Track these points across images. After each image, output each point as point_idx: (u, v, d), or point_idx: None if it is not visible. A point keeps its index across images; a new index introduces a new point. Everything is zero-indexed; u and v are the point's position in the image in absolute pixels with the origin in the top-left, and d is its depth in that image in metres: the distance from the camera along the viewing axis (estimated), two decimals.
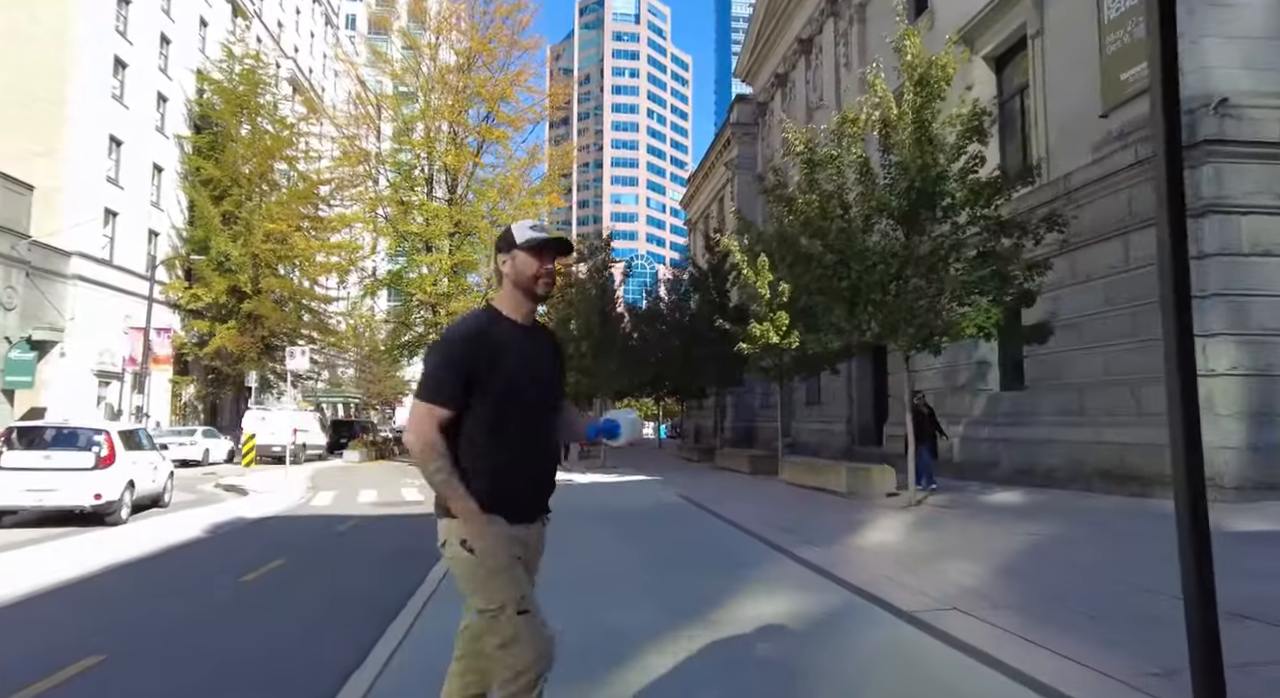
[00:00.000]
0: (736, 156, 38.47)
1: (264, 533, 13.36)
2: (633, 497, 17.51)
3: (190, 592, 8.67)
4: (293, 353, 20.08)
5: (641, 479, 21.87)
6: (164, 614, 7.64)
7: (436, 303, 32.21)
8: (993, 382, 18.77)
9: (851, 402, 25.49)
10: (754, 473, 21.76)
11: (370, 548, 11.81)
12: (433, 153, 33.28)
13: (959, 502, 14.42)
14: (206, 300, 39.99)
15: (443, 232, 32.52)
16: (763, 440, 35.09)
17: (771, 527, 11.89)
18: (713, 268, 26.70)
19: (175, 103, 41.64)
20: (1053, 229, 13.18)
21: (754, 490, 17.91)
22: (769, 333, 18.62)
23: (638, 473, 23.84)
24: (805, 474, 17.84)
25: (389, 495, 19.13)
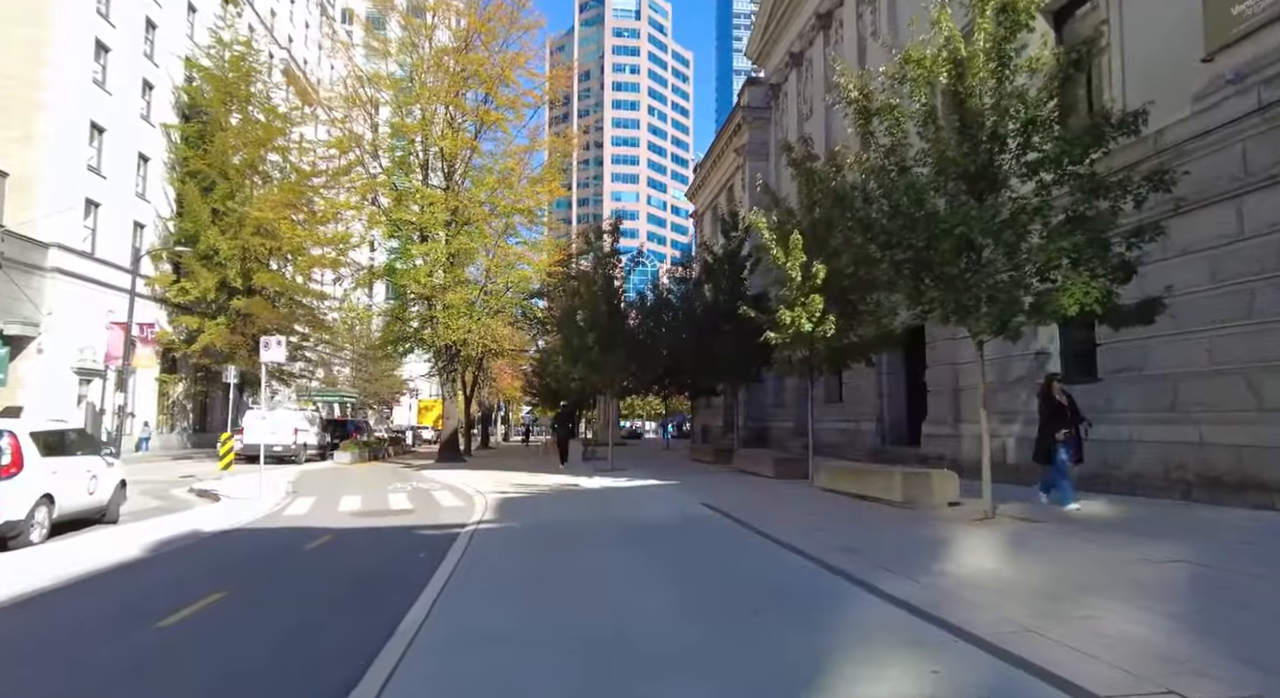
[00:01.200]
0: (748, 142, 36.01)
1: (215, 553, 10.98)
2: (651, 507, 15.13)
3: (65, 652, 6.25)
4: (267, 343, 17.71)
5: (656, 484, 19.49)
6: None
7: (431, 295, 29.83)
8: None
9: (882, 398, 23.11)
10: (779, 477, 19.37)
11: (338, 573, 9.43)
12: (428, 137, 30.90)
13: (1036, 513, 12.05)
14: (195, 295, 37.78)
15: (439, 220, 30.14)
16: (775, 440, 32.68)
17: (828, 547, 9.52)
18: (728, 254, 24.32)
19: (162, 90, 39.33)
20: (1159, 189, 10.80)
21: (787, 499, 15.52)
22: (801, 320, 16.26)
23: (650, 477, 21.47)
24: (846, 480, 15.43)
25: (374, 503, 16.75)
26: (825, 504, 14.38)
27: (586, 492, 18.14)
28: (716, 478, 20.87)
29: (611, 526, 12.40)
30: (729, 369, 24.14)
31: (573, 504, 15.90)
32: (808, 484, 17.85)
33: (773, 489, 17.43)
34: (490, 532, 12.01)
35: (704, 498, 15.63)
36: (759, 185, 18.89)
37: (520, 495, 17.46)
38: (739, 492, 17.11)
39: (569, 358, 23.35)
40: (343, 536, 12.33)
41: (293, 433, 33.13)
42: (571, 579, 8.41)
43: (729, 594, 7.62)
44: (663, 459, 30.53)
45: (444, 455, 31.80)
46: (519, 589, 7.98)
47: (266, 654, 6.14)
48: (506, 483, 20.33)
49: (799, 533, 10.66)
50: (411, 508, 15.75)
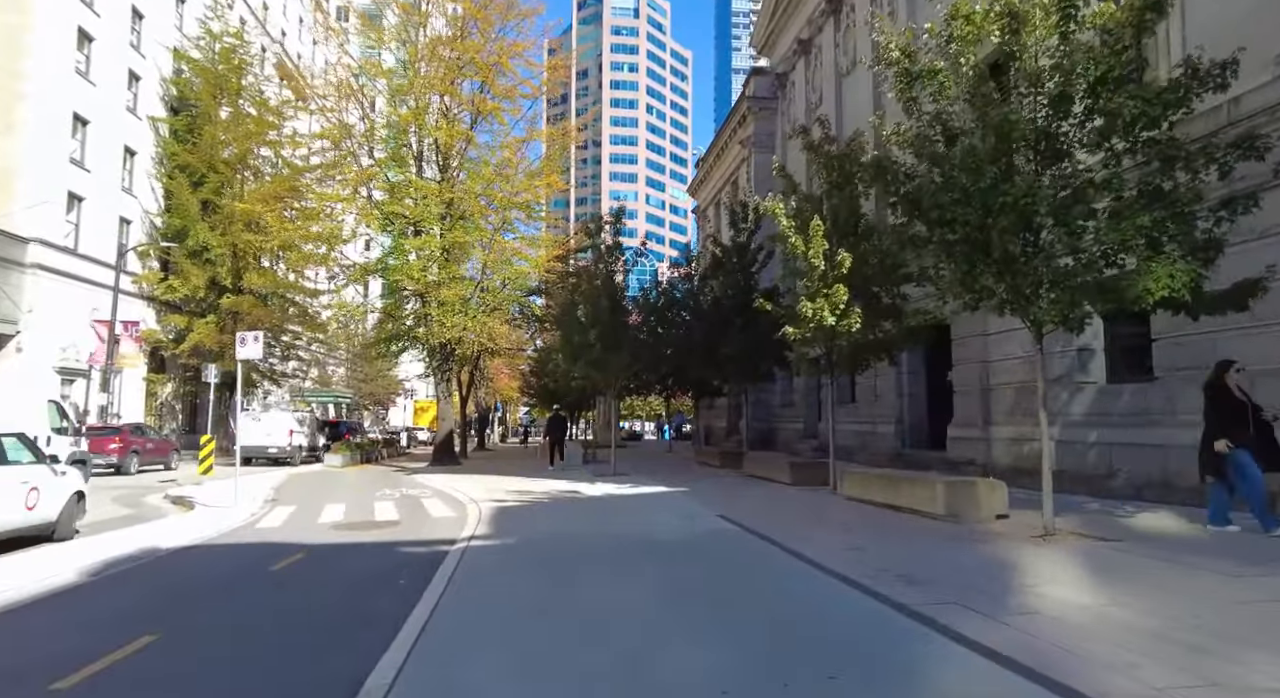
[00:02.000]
0: (753, 134, 34.43)
1: (164, 577, 9.40)
2: (661, 519, 13.53)
3: None
4: (243, 339, 16.19)
5: (663, 491, 17.92)
6: None
7: (425, 291, 28.27)
8: (1096, 372, 14.88)
9: (901, 398, 21.56)
10: (796, 484, 17.80)
11: (300, 605, 7.86)
12: (423, 127, 29.35)
13: (1099, 526, 10.53)
14: (183, 293, 36.21)
15: (433, 214, 28.60)
16: (783, 443, 31.15)
17: (883, 574, 7.99)
18: (737, 247, 22.77)
19: (149, 82, 37.72)
20: (1249, 156, 9.26)
21: (811, 510, 13.96)
22: (823, 313, 14.73)
23: (656, 483, 19.90)
24: (876, 488, 13.85)
25: (358, 513, 15.18)
26: (855, 516, 12.82)
27: (589, 500, 16.60)
28: (727, 484, 19.31)
29: (619, 543, 10.83)
30: (738, 367, 22.63)
31: (574, 515, 14.33)
32: (829, 492, 16.31)
33: (792, 498, 15.86)
34: (482, 551, 10.45)
35: (718, 508, 14.08)
36: (774, 169, 17.31)
37: (516, 504, 15.90)
38: (755, 501, 15.56)
39: (569, 356, 21.80)
40: (317, 553, 10.76)
41: (288, 435, 31.65)
42: (577, 622, 6.85)
43: (783, 646, 6.04)
44: (666, 462, 28.96)
45: (438, 458, 30.23)
46: (513, 636, 6.42)
47: None
48: (502, 489, 18.79)
49: (840, 555, 9.11)
50: (398, 519, 14.19)
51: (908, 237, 10.37)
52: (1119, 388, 14.30)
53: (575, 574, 8.77)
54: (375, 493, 18.97)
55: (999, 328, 16.99)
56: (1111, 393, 14.39)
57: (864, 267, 15.53)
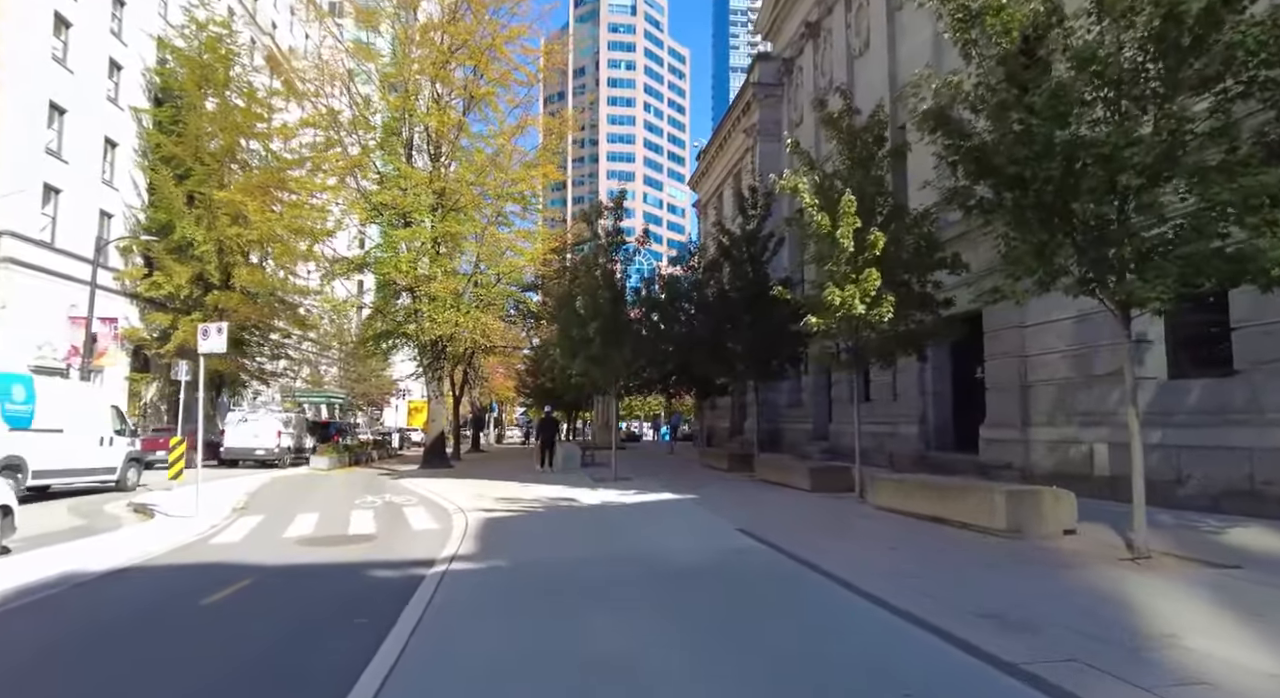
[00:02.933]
0: (758, 121, 32.55)
1: (71, 612, 7.57)
2: (674, 534, 11.72)
3: None
4: (205, 331, 14.47)
5: (671, 499, 16.09)
6: None
7: (415, 285, 26.44)
8: (1155, 367, 13.08)
9: (925, 397, 19.75)
10: (817, 490, 15.99)
11: (221, 657, 6.01)
12: (413, 113, 27.52)
13: (1194, 546, 8.77)
14: (168, 290, 34.32)
15: (423, 204, 26.77)
16: (790, 444, 29.34)
17: (957, 608, 6.26)
18: (747, 235, 20.95)
19: (131, 71, 35.82)
20: None
21: (842, 522, 12.15)
22: (853, 300, 12.95)
23: (661, 488, 18.06)
24: (917, 497, 12.01)
25: (331, 524, 13.35)
26: (896, 530, 11.01)
27: (588, 510, 14.76)
28: (740, 491, 17.48)
29: (627, 566, 9.01)
30: (748, 364, 20.81)
31: (573, 528, 12.47)
32: (855, 500, 14.50)
33: (815, 507, 14.04)
34: (464, 577, 8.63)
35: (736, 519, 12.28)
36: (789, 146, 15.50)
37: (508, 515, 14.07)
38: (776, 511, 13.76)
39: (567, 351, 19.96)
40: (266, 579, 8.94)
41: (275, 436, 29.86)
42: (581, 684, 5.05)
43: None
44: (669, 465, 27.08)
45: (429, 461, 28.39)
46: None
47: None
48: (493, 496, 16.98)
49: (898, 583, 7.33)
50: (373, 533, 12.36)
51: (973, 200, 8.56)
52: (1185, 384, 12.52)
53: (573, 615, 6.96)
54: (356, 500, 17.14)
55: (1038, 319, 15.23)
56: (1176, 390, 12.60)
57: (896, 250, 13.78)
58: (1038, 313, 15.23)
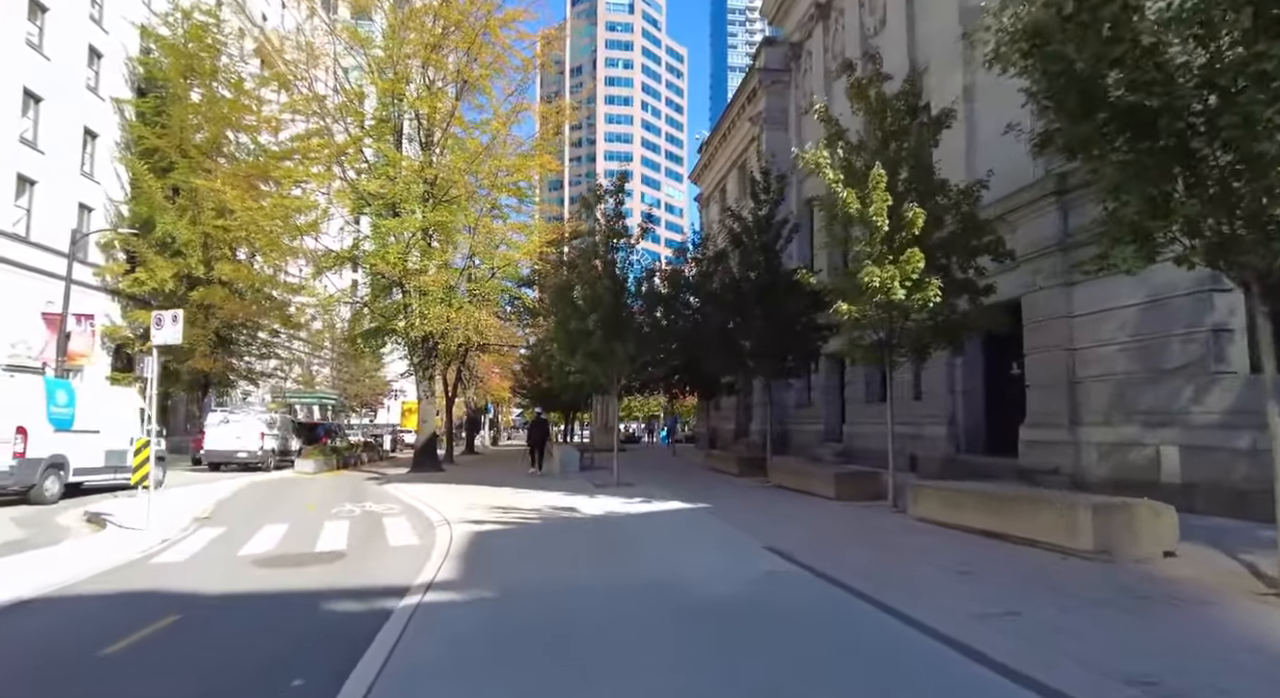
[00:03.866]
0: (764, 109, 30.67)
1: None
2: (689, 552, 9.93)
3: None
4: (159, 320, 12.80)
5: (681, 509, 14.30)
6: None
7: (404, 277, 24.69)
8: (1238, 360, 11.37)
9: (954, 395, 17.97)
10: (842, 498, 14.23)
11: None
12: (403, 98, 25.77)
13: None
14: (151, 286, 32.57)
15: (413, 194, 25.01)
16: (800, 446, 27.59)
17: (1101, 676, 4.51)
18: (759, 222, 19.17)
19: (113, 60, 34.01)
20: None
21: (888, 540, 10.34)
22: (892, 284, 11.24)
23: (669, 495, 16.29)
24: (969, 509, 10.20)
25: (298, 539, 11.56)
26: (954, 549, 9.24)
27: (590, 521, 12.98)
28: (756, 499, 15.70)
29: (642, 598, 7.25)
30: (759, 360, 19.02)
31: (572, 548, 10.63)
32: (889, 510, 12.76)
33: (847, 519, 12.27)
34: (438, 614, 6.86)
35: (760, 534, 10.53)
36: (816, 111, 13.73)
37: (498, 528, 12.29)
38: (803, 523, 11.99)
39: (565, 347, 18.15)
40: (199, 614, 7.16)
41: (258, 438, 28.02)
42: None
43: None
44: (674, 469, 25.27)
45: (420, 464, 26.60)
46: None
47: None
48: (484, 504, 15.21)
49: (994, 628, 5.58)
50: (343, 550, 10.58)
51: (1073, 137, 6.77)
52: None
53: (575, 671, 5.20)
54: (333, 509, 15.35)
55: (1090, 307, 13.52)
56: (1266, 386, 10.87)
57: (937, 228, 12.06)
58: (1090, 301, 13.52)
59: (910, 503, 11.84)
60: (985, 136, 16.68)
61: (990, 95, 15.90)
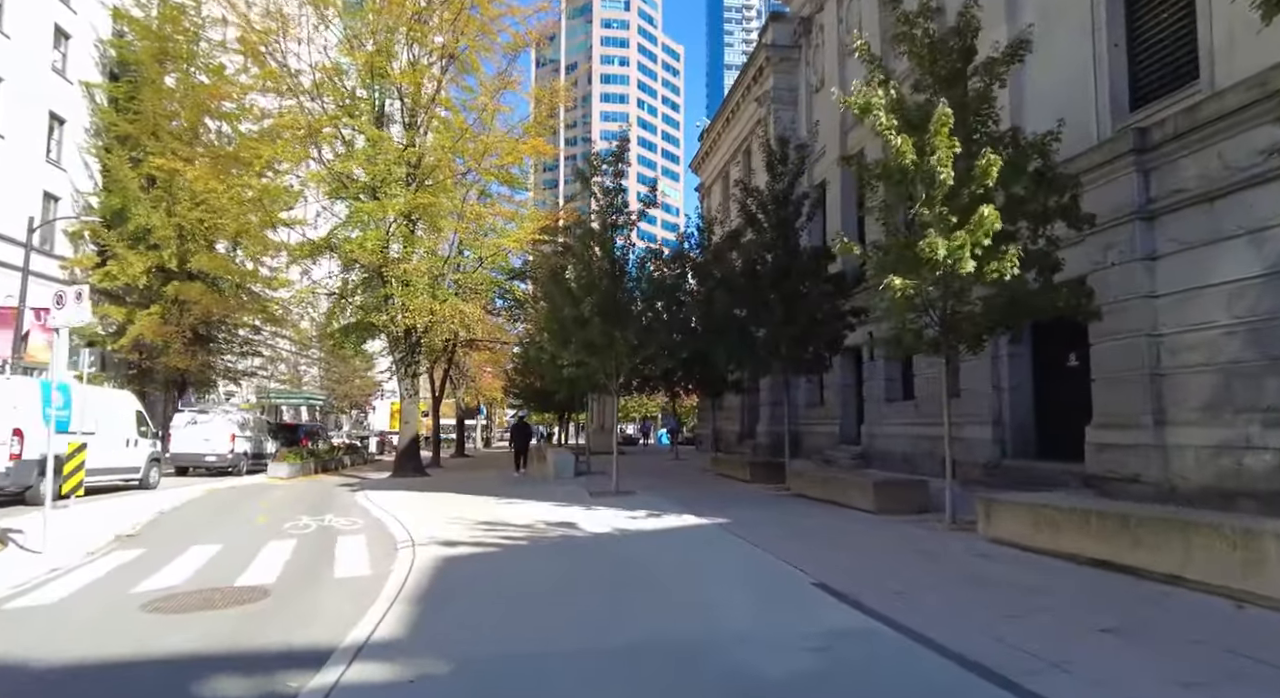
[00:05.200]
0: (772, 88, 28.11)
1: None
2: (717, 590, 7.40)
3: None
4: (61, 296, 10.39)
5: (694, 525, 11.78)
6: None
7: (384, 265, 22.27)
8: None
9: (999, 392, 15.43)
10: (884, 512, 11.76)
11: None
12: (385, 75, 23.32)
13: None
14: (123, 281, 30.03)
15: (394, 177, 22.56)
16: (811, 449, 25.11)
17: None
18: (777, 197, 16.65)
19: (82, 42, 31.50)
20: None
21: (967, 571, 7.86)
22: (961, 252, 8.84)
23: (677, 506, 13.81)
24: (1084, 534, 7.62)
25: (224, 566, 9.06)
26: (1070, 587, 6.79)
27: (587, 543, 10.49)
28: (780, 512, 13.17)
29: (662, 678, 4.82)
30: (773, 351, 16.50)
31: (566, 583, 8.07)
32: (948, 528, 10.33)
33: (902, 541, 9.78)
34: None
35: (799, 561, 8.09)
36: (857, 48, 11.23)
37: (474, 551, 9.82)
38: (849, 547, 9.47)
39: (557, 337, 15.65)
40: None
41: (229, 440, 25.53)
42: None
43: None
44: (677, 474, 22.68)
45: (402, 468, 24.12)
46: None
47: None
48: (464, 517, 12.77)
49: None
50: (271, 585, 8.08)
51: None
52: None
53: None
54: (287, 523, 12.85)
55: (1185, 284, 11.09)
56: None
57: (1006, 186, 9.67)
58: (1181, 277, 11.11)
59: (981, 520, 9.41)
60: (1039, 92, 14.31)
61: (1044, 45, 13.50)
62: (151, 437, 20.93)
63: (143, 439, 20.00)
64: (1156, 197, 11.54)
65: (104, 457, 17.75)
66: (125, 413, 19.67)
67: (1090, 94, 13.20)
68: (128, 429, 19.31)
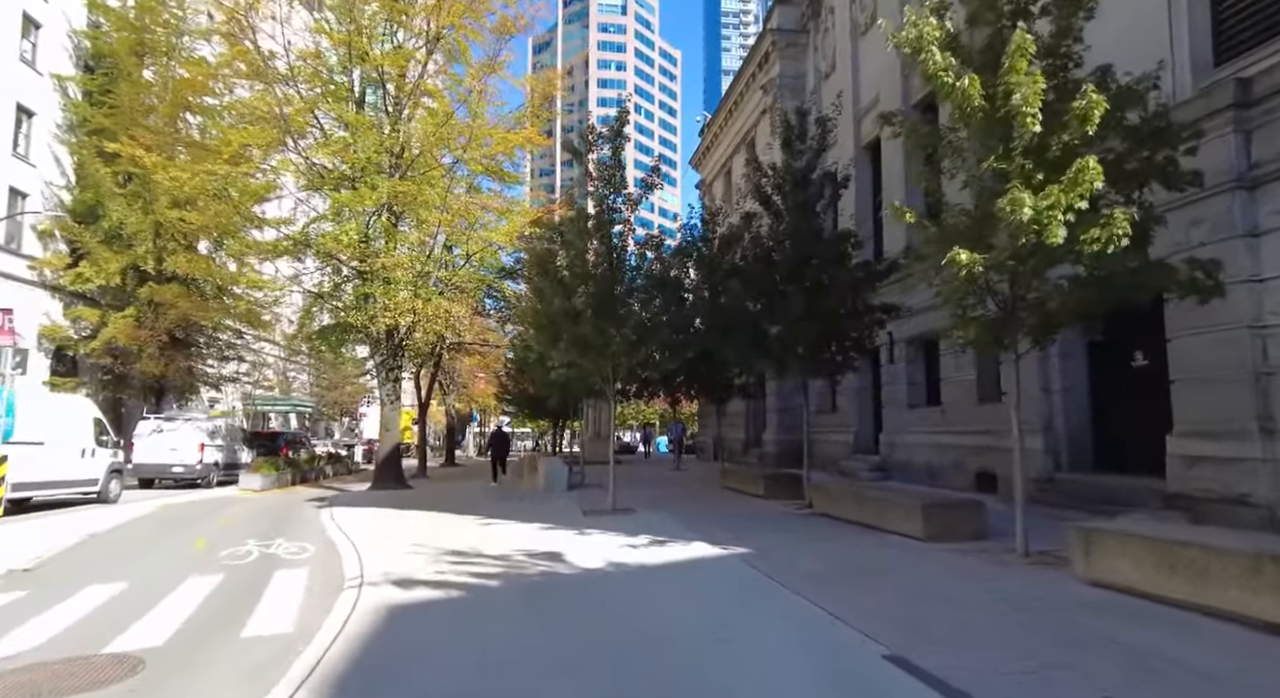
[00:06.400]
0: (778, 76, 26.03)
1: None
2: (748, 663, 5.31)
3: None
4: None
5: (711, 556, 9.55)
6: None
7: (362, 259, 20.16)
8: None
9: (1051, 395, 13.26)
10: (933, 538, 9.63)
11: None
12: (366, 55, 21.22)
13: None
14: (97, 282, 27.95)
15: (375, 163, 20.46)
16: (822, 459, 22.85)
17: None
18: (796, 176, 14.38)
19: (54, 32, 29.50)
20: None
21: (1087, 634, 5.70)
22: (1053, 214, 6.72)
23: (687, 530, 11.55)
24: (1248, 584, 5.45)
25: (109, 618, 6.86)
26: (1276, 676, 4.71)
27: (576, 586, 8.27)
28: (806, 536, 10.93)
29: None
30: (789, 349, 14.23)
31: (545, 650, 5.95)
32: (1025, 562, 8.18)
33: (975, 582, 7.58)
34: None
35: (855, 615, 5.95)
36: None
37: (432, 598, 7.63)
38: (914, 592, 7.20)
39: (546, 333, 13.44)
40: None
41: (197, 450, 23.33)
42: None
43: None
44: (681, 488, 20.25)
45: (381, 480, 21.92)
46: None
47: None
48: (433, 544, 10.60)
49: None
50: (147, 652, 5.89)
51: None
52: None
53: None
54: (225, 550, 10.64)
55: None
56: None
57: (1114, 133, 7.57)
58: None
59: (1076, 556, 7.26)
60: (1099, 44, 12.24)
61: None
62: (112, 446, 19.14)
63: (101, 449, 18.42)
64: (1261, 161, 9.46)
65: (55, 469, 16.38)
66: (82, 421, 18.02)
67: (1164, 43, 11.06)
68: (84, 438, 17.73)
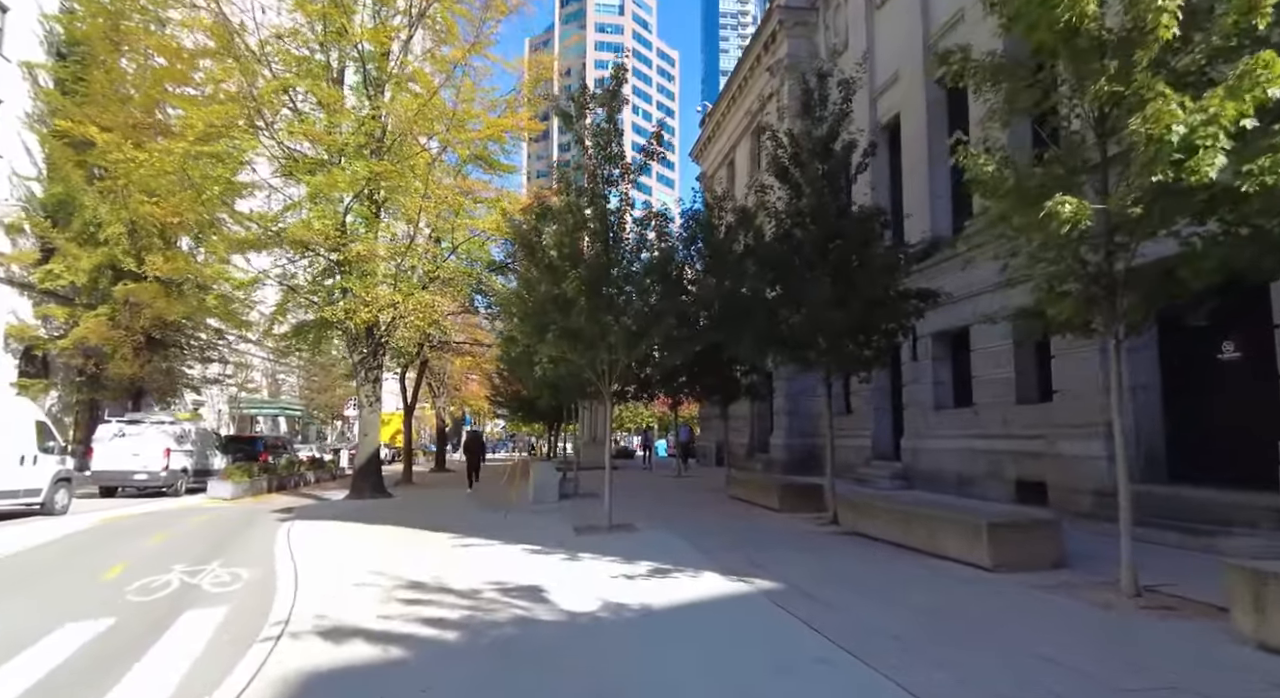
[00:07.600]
0: (786, 56, 23.99)
1: None
2: None
3: None
4: None
5: (726, 594, 7.54)
6: None
7: (337, 248, 18.23)
8: None
9: (1119, 393, 11.33)
10: (1001, 567, 7.62)
11: None
12: (345, 30, 19.30)
13: None
14: (68, 280, 26.03)
15: (351, 148, 18.55)
16: (837, 466, 20.88)
17: None
18: (815, 144, 12.30)
19: (22, 16, 27.55)
20: None
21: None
22: (1214, 131, 4.83)
23: (695, 555, 9.55)
24: None
25: None
26: None
27: (558, 644, 6.20)
28: (843, 564, 8.88)
29: None
30: (811, 339, 12.16)
31: None
32: (1139, 605, 6.22)
33: (1092, 639, 5.60)
34: None
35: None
36: None
37: (367, 661, 5.62)
38: (1012, 656, 5.20)
39: (531, 322, 11.37)
40: None
41: (163, 456, 21.29)
42: None
43: None
44: (685, 499, 17.91)
45: (359, 488, 19.96)
46: None
47: None
48: (390, 573, 8.60)
49: None
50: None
51: None
52: None
53: None
54: (135, 582, 8.57)
55: None
56: None
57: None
58: None
59: (1240, 609, 5.28)
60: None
61: None
62: (59, 453, 17.33)
63: (46, 455, 16.65)
64: None
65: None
66: (23, 424, 16.27)
67: None
68: (25, 444, 15.95)
